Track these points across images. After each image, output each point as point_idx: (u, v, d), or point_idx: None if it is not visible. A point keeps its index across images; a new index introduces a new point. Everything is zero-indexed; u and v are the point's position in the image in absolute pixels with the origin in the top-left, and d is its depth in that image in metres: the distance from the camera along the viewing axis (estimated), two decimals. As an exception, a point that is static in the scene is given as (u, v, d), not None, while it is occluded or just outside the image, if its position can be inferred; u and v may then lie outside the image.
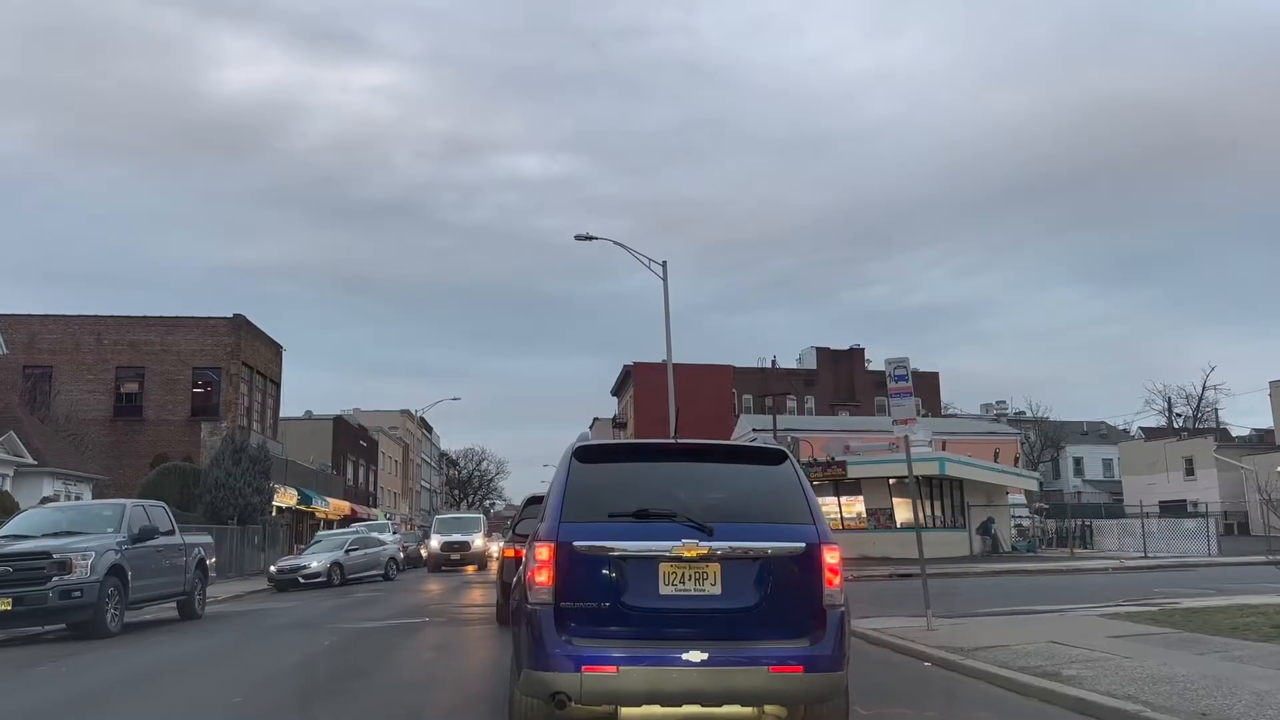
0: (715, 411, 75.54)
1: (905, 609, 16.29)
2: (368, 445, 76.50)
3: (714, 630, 5.39)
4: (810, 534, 5.63)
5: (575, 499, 5.77)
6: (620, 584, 5.48)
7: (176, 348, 43.35)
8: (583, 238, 33.27)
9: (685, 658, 5.24)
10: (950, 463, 34.80)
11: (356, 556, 29.75)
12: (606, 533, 5.56)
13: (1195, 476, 59.14)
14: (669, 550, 5.46)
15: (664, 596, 5.46)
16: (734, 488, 6.04)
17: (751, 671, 5.30)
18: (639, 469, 6.26)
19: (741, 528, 5.61)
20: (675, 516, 5.58)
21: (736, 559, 5.50)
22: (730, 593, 5.47)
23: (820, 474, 35.84)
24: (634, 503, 5.71)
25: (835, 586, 5.57)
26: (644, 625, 5.41)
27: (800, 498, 5.86)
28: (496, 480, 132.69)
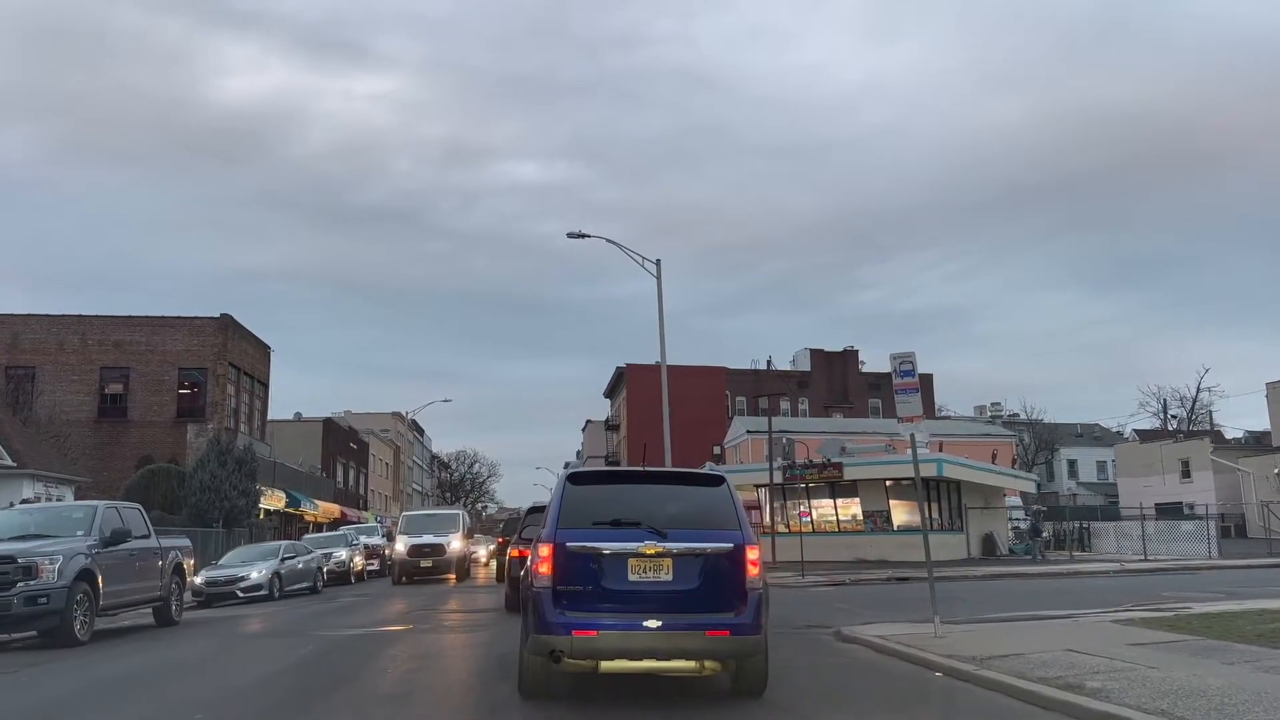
0: (708, 413, 75.06)
1: (908, 614, 15.74)
2: (358, 448, 75.78)
3: (667, 606, 7.33)
4: (737, 538, 7.59)
5: (568, 511, 7.79)
6: (600, 573, 7.45)
7: (162, 348, 42.65)
8: (575, 235, 32.75)
9: (646, 624, 7.24)
10: (949, 464, 34.25)
11: (294, 565, 26.04)
12: (590, 536, 7.56)
13: (1192, 478, 58.72)
14: (635, 549, 7.44)
15: (632, 582, 7.41)
16: (684, 504, 7.99)
17: (693, 634, 7.32)
18: (615, 489, 8.42)
19: (688, 533, 7.55)
20: (640, 524, 7.54)
21: (684, 555, 7.46)
22: (679, 579, 7.42)
23: (816, 475, 35.29)
24: (611, 514, 7.71)
25: (754, 575, 7.49)
26: (617, 602, 7.36)
27: (732, 512, 7.85)
28: (489, 483, 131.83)
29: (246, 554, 25.99)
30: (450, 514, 34.43)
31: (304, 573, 26.41)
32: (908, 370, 12.12)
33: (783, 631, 13.77)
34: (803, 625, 14.53)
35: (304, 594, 25.33)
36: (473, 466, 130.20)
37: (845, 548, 34.46)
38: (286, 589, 24.74)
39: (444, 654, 11.90)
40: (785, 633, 13.68)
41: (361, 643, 12.90)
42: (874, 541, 34.90)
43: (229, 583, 23.54)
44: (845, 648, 12.03)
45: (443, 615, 17.22)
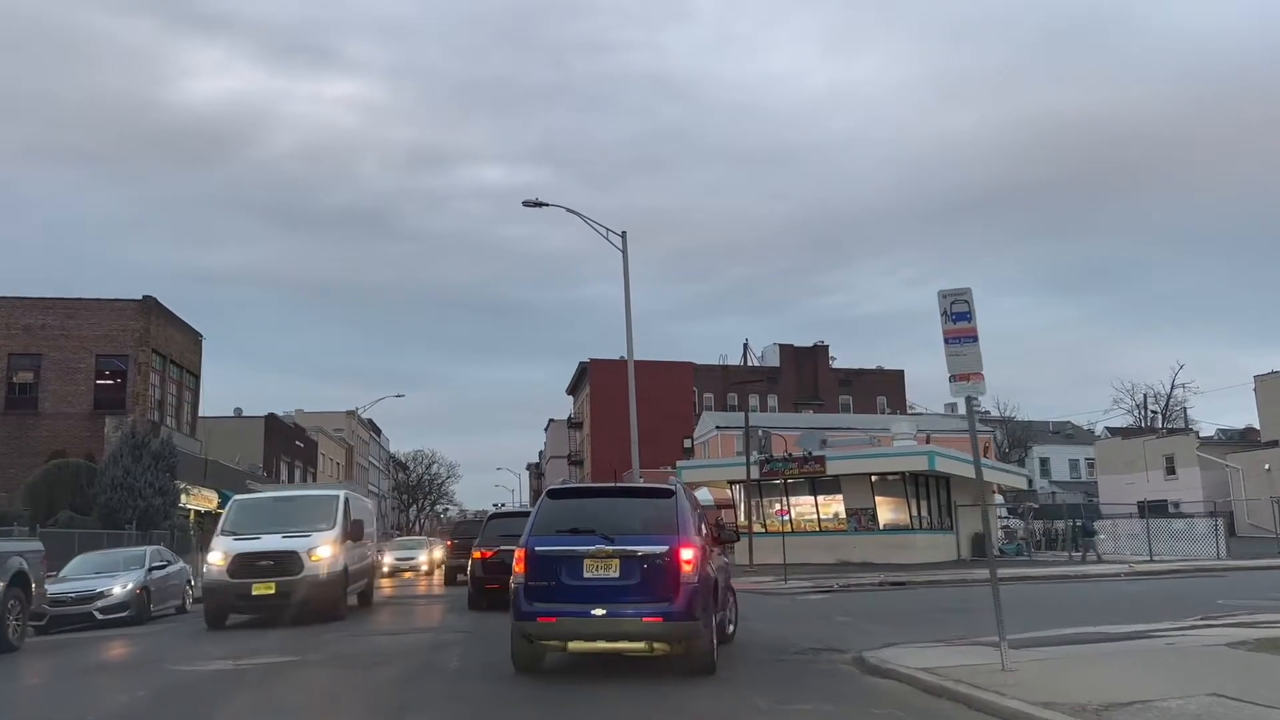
0: (675, 409, 72.03)
1: (934, 630, 12.72)
2: (305, 446, 71.74)
3: (613, 597, 8.84)
4: (671, 540, 9.03)
5: (541, 522, 9.67)
6: (560, 571, 9.07)
7: (77, 333, 38.67)
8: (532, 204, 29.76)
9: (593, 612, 8.81)
10: (940, 457, 31.39)
11: (160, 579, 20.20)
12: (554, 542, 9.27)
13: (1177, 475, 56.57)
14: (589, 551, 9.03)
15: (586, 578, 8.98)
16: (633, 513, 9.53)
17: (631, 620, 8.83)
18: (580, 502, 10.31)
19: (630, 537, 9.09)
20: (594, 531, 9.18)
21: (627, 556, 8.98)
22: (624, 575, 8.94)
23: (796, 470, 32.34)
24: (571, 523, 9.47)
25: (687, 572, 8.87)
26: (573, 595, 8.95)
27: (672, 519, 9.33)
28: (447, 484, 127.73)
29: (101, 562, 19.93)
30: (319, 497, 18.78)
31: (172, 587, 21.00)
32: (962, 313, 9.03)
33: (784, 659, 10.66)
34: (807, 649, 11.42)
35: (170, 614, 20.38)
36: (430, 467, 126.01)
37: (826, 549, 31.44)
38: (156, 608, 19.56)
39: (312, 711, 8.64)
40: (787, 660, 10.58)
41: (214, 685, 9.58)
42: (858, 542, 31.96)
43: (81, 600, 18.06)
44: (877, 685, 8.92)
45: (354, 638, 13.86)
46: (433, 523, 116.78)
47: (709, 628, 9.01)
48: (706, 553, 9.48)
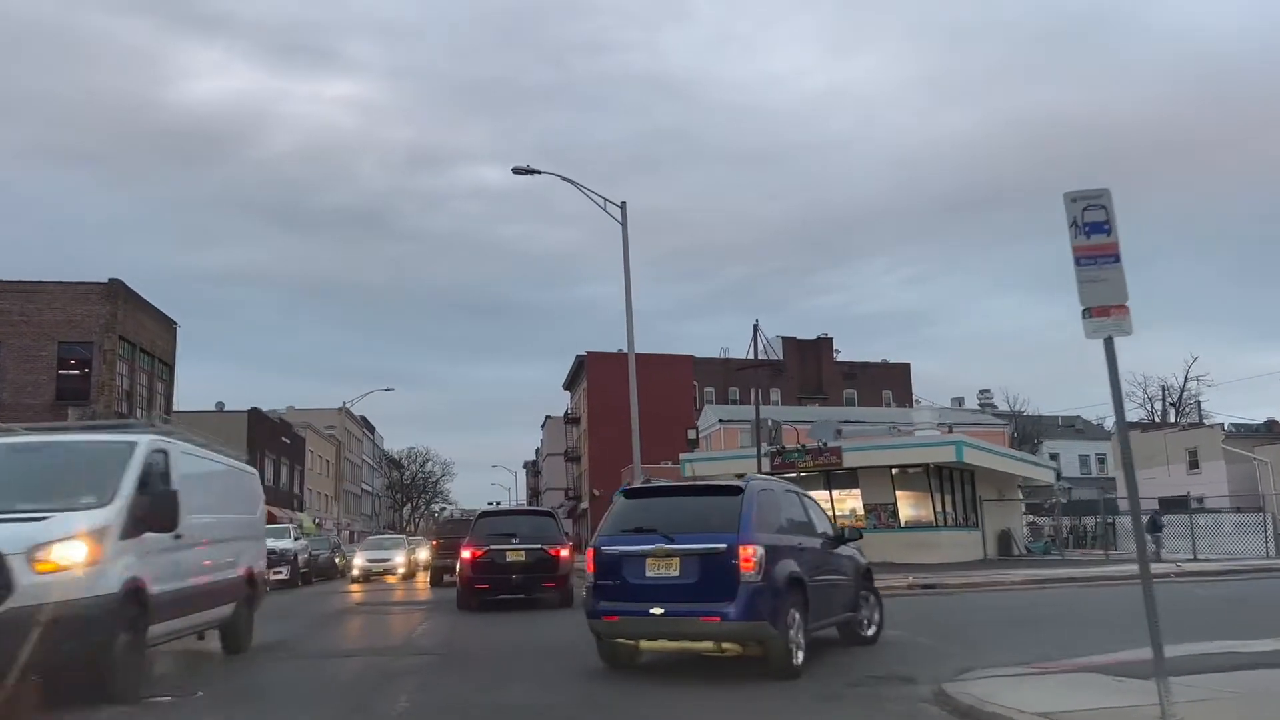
0: (676, 403, 69.51)
1: (1017, 649, 10.27)
2: (291, 442, 69.19)
3: (673, 596, 8.68)
4: (731, 539, 8.66)
5: (610, 522, 9.63)
6: (624, 570, 9.02)
7: (38, 318, 36.11)
8: (523, 171, 27.37)
9: (652, 611, 8.69)
10: (968, 448, 28.89)
11: None
12: (618, 541, 9.26)
13: (1200, 469, 54.12)
14: (650, 551, 8.91)
15: (648, 577, 8.86)
16: (696, 511, 9.36)
17: (690, 620, 8.64)
18: (651, 501, 9.90)
19: (690, 536, 8.85)
20: (655, 530, 9.01)
21: (686, 555, 8.78)
22: (684, 574, 8.73)
23: (810, 463, 29.85)
24: (637, 522, 9.34)
25: (747, 570, 8.50)
26: (635, 594, 8.89)
27: (735, 516, 8.86)
28: (442, 482, 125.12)
29: None
30: (90, 445, 9.88)
31: None
32: (1098, 223, 6.55)
33: (839, 695, 8.17)
34: (866, 677, 8.96)
35: None
36: (425, 465, 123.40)
37: (843, 548, 28.89)
38: None
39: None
40: (844, 697, 8.09)
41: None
42: (877, 540, 29.35)
43: None
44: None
45: (276, 662, 11.29)
46: (427, 522, 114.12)
47: (783, 629, 8.57)
48: (785, 551, 9.10)
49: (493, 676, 9.57)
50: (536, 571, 17.62)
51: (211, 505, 10.56)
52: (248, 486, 12.74)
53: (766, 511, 9.19)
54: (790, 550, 9.18)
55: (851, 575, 10.95)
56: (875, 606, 11.33)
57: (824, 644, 10.81)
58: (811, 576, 9.30)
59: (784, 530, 9.42)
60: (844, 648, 10.87)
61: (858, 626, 10.97)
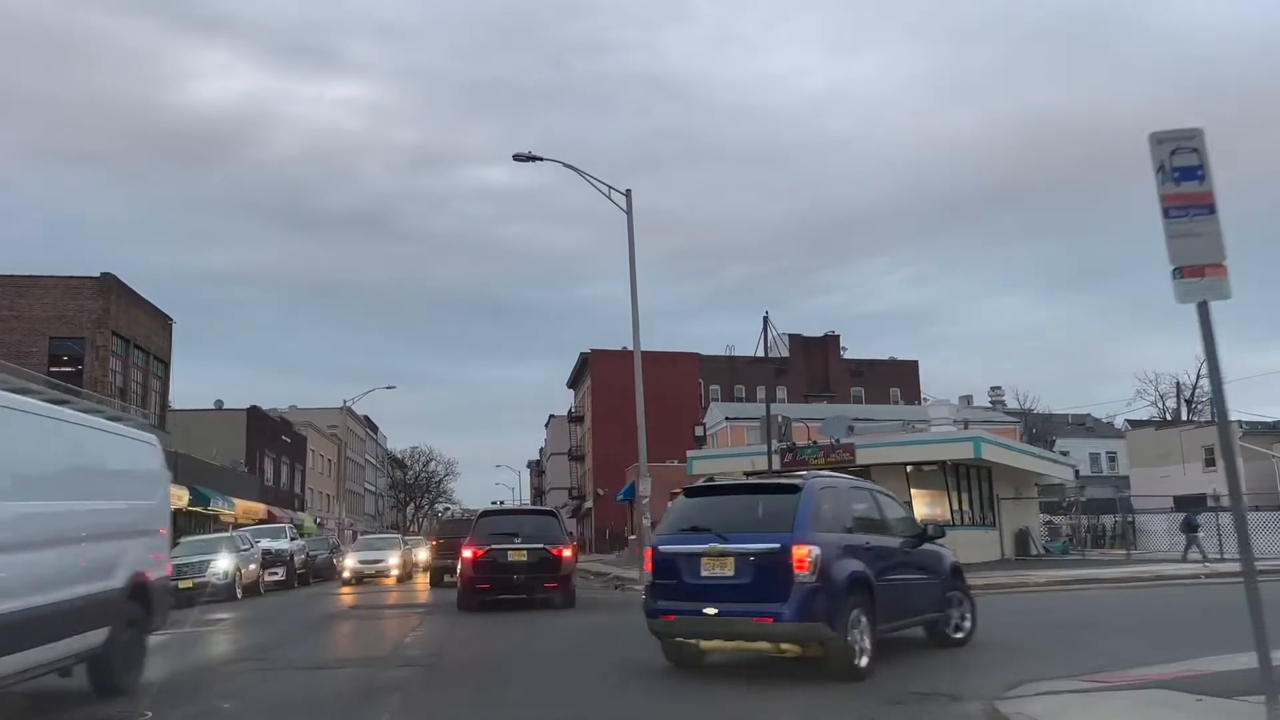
0: (681, 400, 68.50)
1: (1066, 659, 9.31)
2: (292, 441, 68.31)
3: (727, 596, 8.58)
4: (785, 539, 8.47)
5: (669, 521, 9.69)
6: (681, 570, 8.94)
7: (29, 313, 35.32)
8: (524, 158, 26.47)
9: (706, 611, 8.62)
10: (986, 444, 27.87)
11: None
12: (674, 541, 9.19)
13: (1217, 467, 52.99)
14: (704, 550, 8.79)
15: (703, 577, 8.77)
16: (752, 510, 9.16)
17: (743, 620, 8.51)
18: (710, 500, 9.71)
19: (744, 535, 8.72)
20: (710, 530, 8.86)
21: (740, 555, 8.63)
22: (738, 574, 8.60)
23: (822, 460, 28.85)
24: (692, 522, 9.20)
25: (800, 571, 8.30)
26: (690, 593, 8.79)
27: (790, 514, 8.68)
28: (445, 482, 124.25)
29: None
30: None
31: None
32: (1190, 168, 5.53)
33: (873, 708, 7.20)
34: (908, 693, 7.97)
35: None
36: (428, 464, 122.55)
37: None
38: None
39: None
40: (873, 711, 7.13)
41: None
42: (892, 540, 28.45)
43: None
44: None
45: (257, 674, 10.33)
46: (430, 522, 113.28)
47: (842, 630, 8.30)
48: (848, 550, 8.85)
49: (487, 689, 8.64)
50: (538, 571, 17.29)
51: (63, 486, 7.73)
52: (139, 462, 9.46)
53: (827, 510, 8.99)
54: (854, 549, 8.92)
55: (935, 574, 10.54)
56: (967, 607, 10.87)
57: (906, 645, 10.24)
58: (881, 576, 9.02)
59: (849, 529, 9.15)
60: (922, 650, 10.28)
61: (945, 627, 10.56)
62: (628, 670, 9.47)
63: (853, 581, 8.52)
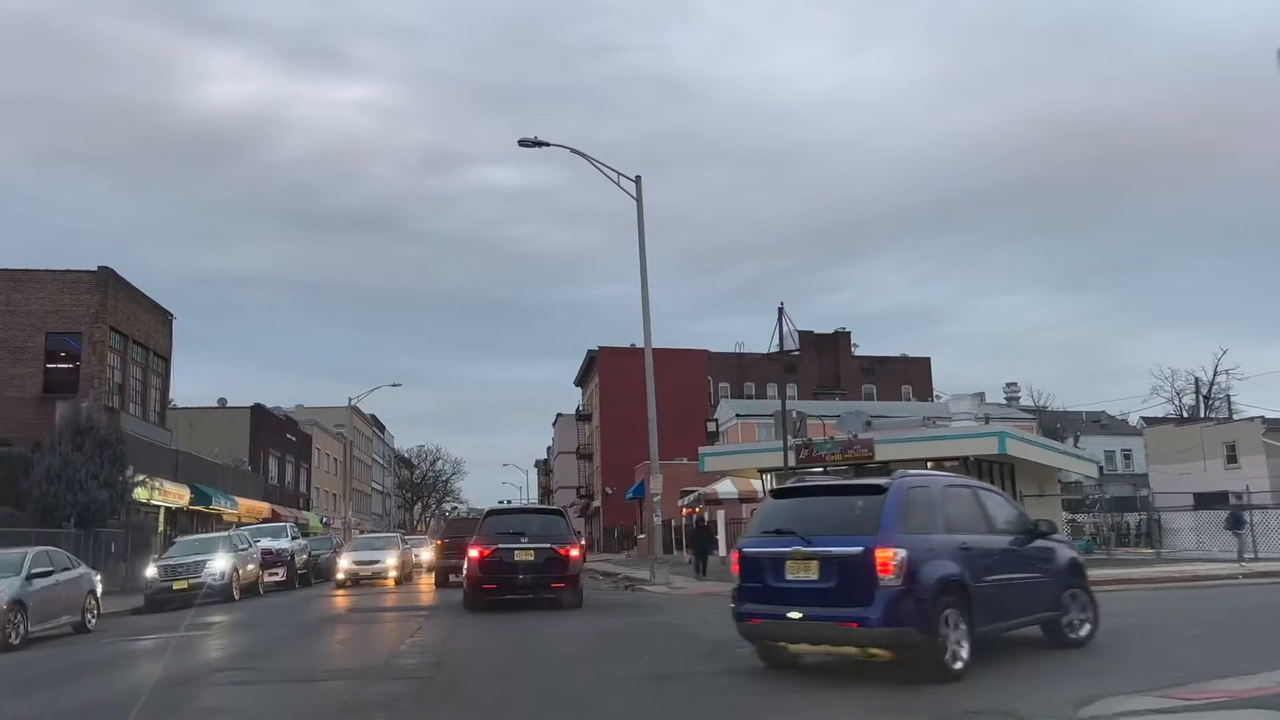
0: (690, 397, 67.62)
1: (1136, 671, 8.36)
2: (297, 440, 67.51)
3: (810, 599, 8.45)
4: (869, 542, 8.26)
5: (754, 523, 9.71)
6: (766, 573, 8.87)
7: (25, 307, 34.44)
8: (529, 143, 25.62)
9: (790, 615, 8.51)
10: (1012, 440, 26.86)
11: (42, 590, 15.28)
12: (759, 544, 9.08)
13: (1239, 464, 51.88)
14: (789, 553, 8.67)
15: (787, 580, 8.67)
16: (837, 512, 8.98)
17: (827, 625, 8.36)
18: (792, 502, 9.63)
19: (828, 539, 8.54)
20: (794, 533, 8.74)
21: (823, 558, 8.47)
22: (823, 577, 8.44)
23: (839, 456, 27.92)
24: (777, 524, 9.07)
25: (885, 574, 8.07)
26: (775, 596, 8.71)
27: (875, 517, 8.50)
28: (453, 481, 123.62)
29: None
30: None
31: (63, 600, 15.96)
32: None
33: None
34: (961, 711, 7.03)
35: (65, 634, 15.93)
36: (435, 463, 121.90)
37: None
38: (34, 629, 14.76)
39: None
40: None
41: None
42: (911, 539, 27.48)
43: None
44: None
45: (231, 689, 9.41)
46: (437, 521, 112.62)
47: (933, 633, 8.09)
48: (940, 551, 8.56)
49: (490, 708, 7.72)
50: (545, 571, 16.99)
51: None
52: None
53: (917, 510, 8.75)
54: (948, 550, 8.64)
55: (1048, 572, 10.08)
56: (1088, 605, 10.43)
57: (1017, 645, 9.80)
58: (981, 577, 8.76)
59: (943, 529, 8.84)
60: (1040, 650, 9.78)
61: (1063, 627, 10.12)
62: (650, 681, 8.69)
63: (945, 583, 8.29)
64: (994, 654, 9.07)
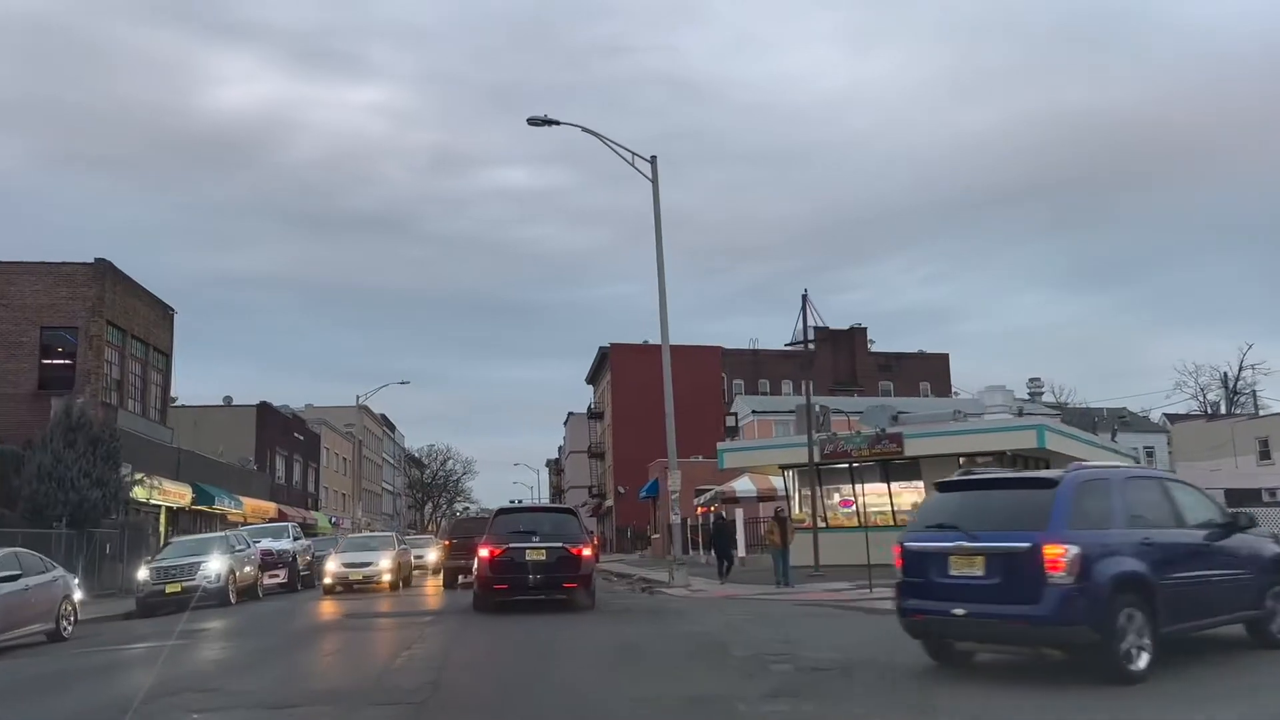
0: (703, 394, 66.21)
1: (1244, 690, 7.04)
2: (305, 439, 66.40)
3: (975, 596, 8.24)
4: (1036, 537, 7.98)
5: (918, 517, 9.87)
6: (929, 568, 8.65)
7: (19, 301, 33.36)
8: (539, 121, 24.35)
9: (954, 611, 8.32)
10: (1051, 433, 25.46)
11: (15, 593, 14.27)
12: (921, 539, 8.94)
13: (1273, 459, 50.31)
14: (952, 549, 8.46)
15: (951, 575, 8.47)
16: (1005, 506, 8.67)
17: (993, 622, 8.16)
18: (957, 495, 9.27)
19: (993, 534, 8.30)
20: (958, 527, 8.51)
21: (989, 554, 8.22)
22: (988, 574, 8.19)
23: (866, 451, 26.55)
24: (940, 518, 8.90)
25: (1054, 571, 7.80)
26: (939, 592, 8.52)
27: (1045, 512, 8.17)
28: (463, 481, 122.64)
29: None
30: None
31: (34, 606, 14.77)
32: None
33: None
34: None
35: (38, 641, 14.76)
36: (445, 463, 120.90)
37: (902, 547, 25.43)
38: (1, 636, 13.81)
39: None
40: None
41: None
42: (942, 538, 26.04)
43: None
44: None
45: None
46: (448, 521, 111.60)
47: (1109, 632, 7.76)
48: (1118, 547, 8.17)
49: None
50: (557, 571, 16.63)
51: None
52: None
53: (1091, 504, 8.36)
54: (1128, 545, 8.25)
55: (1248, 568, 9.46)
56: None
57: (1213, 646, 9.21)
58: (1166, 574, 8.32)
59: (1122, 523, 8.42)
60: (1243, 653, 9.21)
61: (1269, 626, 9.51)
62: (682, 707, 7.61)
63: (1123, 580, 7.94)
64: (1185, 655, 8.58)
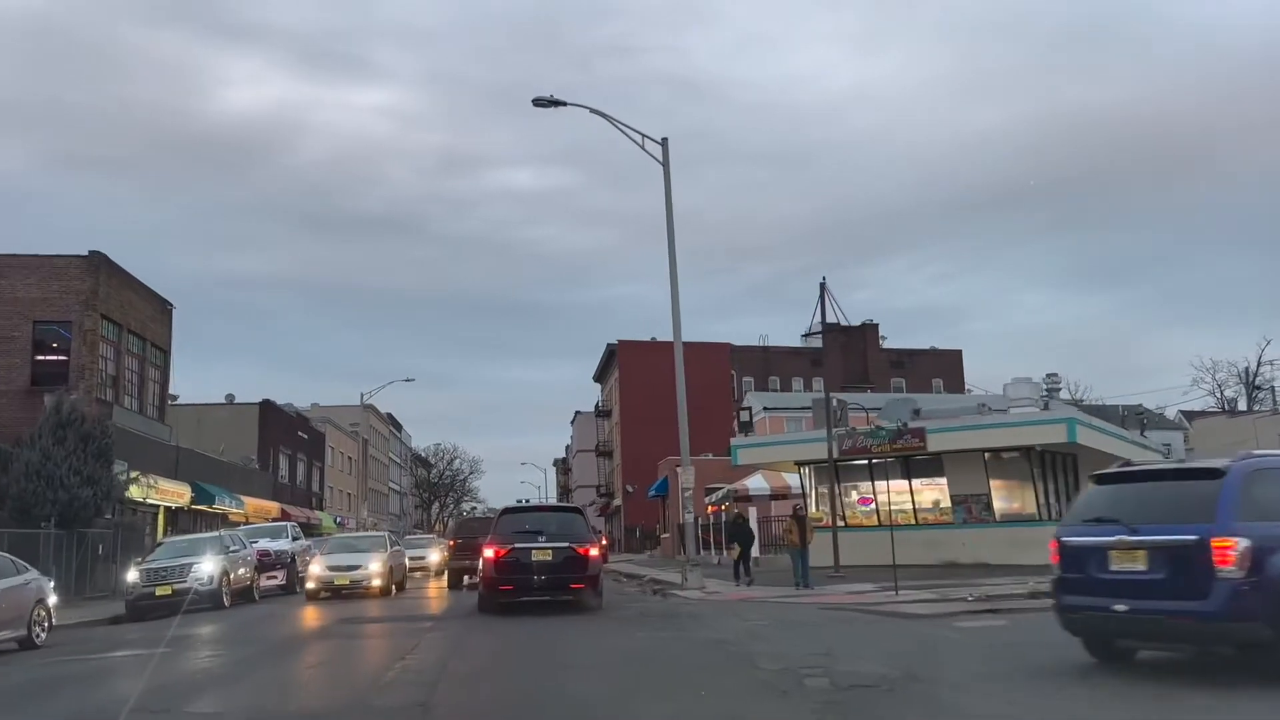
0: (713, 392, 65.10)
1: None
2: (310, 438, 65.45)
3: (1137, 591, 7.92)
4: (1203, 530, 7.61)
5: (1074, 510, 9.43)
6: (1088, 563, 8.37)
7: (11, 294, 32.42)
8: (544, 102, 23.41)
9: (1115, 608, 8.01)
10: (1082, 427, 24.30)
11: None
12: (1080, 532, 8.62)
13: (1299, 457, 49.00)
14: (1112, 543, 8.17)
15: (1111, 570, 8.18)
16: (1168, 498, 8.34)
17: (1156, 619, 7.83)
18: (1116, 488, 8.93)
19: (1156, 527, 7.96)
20: (1118, 521, 8.23)
21: (1151, 547, 7.91)
22: (1151, 568, 7.88)
23: (888, 447, 25.44)
24: (1098, 512, 8.62)
25: (1224, 565, 7.43)
26: (1099, 588, 8.21)
27: (1212, 503, 7.76)
28: (470, 480, 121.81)
29: None
30: None
31: (3, 612, 14.08)
32: None
33: None
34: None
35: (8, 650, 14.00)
36: (452, 462, 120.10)
37: (925, 546, 24.26)
38: None
39: None
40: None
41: None
42: (967, 537, 24.96)
43: None
44: None
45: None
46: (454, 521, 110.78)
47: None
48: None
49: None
50: (564, 571, 16.34)
51: None
52: None
53: (1263, 494, 7.93)
54: None
55: None
56: None
57: None
58: None
59: None
60: None
61: None
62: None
63: None
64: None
